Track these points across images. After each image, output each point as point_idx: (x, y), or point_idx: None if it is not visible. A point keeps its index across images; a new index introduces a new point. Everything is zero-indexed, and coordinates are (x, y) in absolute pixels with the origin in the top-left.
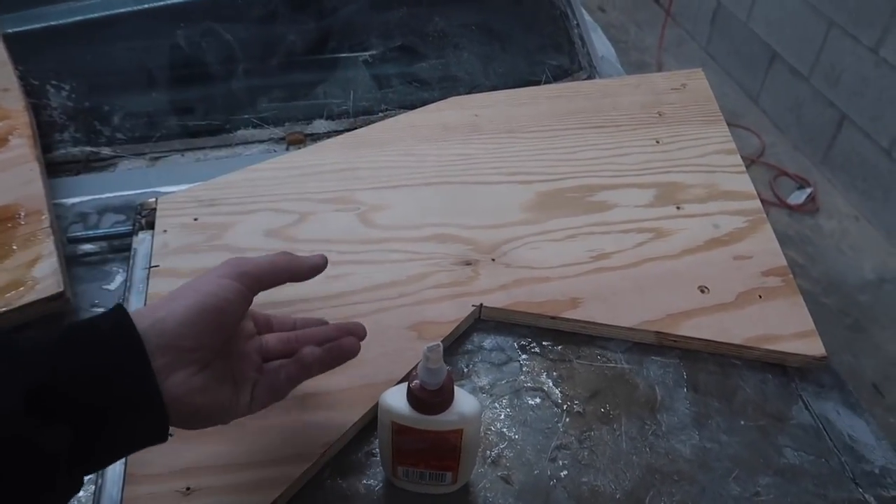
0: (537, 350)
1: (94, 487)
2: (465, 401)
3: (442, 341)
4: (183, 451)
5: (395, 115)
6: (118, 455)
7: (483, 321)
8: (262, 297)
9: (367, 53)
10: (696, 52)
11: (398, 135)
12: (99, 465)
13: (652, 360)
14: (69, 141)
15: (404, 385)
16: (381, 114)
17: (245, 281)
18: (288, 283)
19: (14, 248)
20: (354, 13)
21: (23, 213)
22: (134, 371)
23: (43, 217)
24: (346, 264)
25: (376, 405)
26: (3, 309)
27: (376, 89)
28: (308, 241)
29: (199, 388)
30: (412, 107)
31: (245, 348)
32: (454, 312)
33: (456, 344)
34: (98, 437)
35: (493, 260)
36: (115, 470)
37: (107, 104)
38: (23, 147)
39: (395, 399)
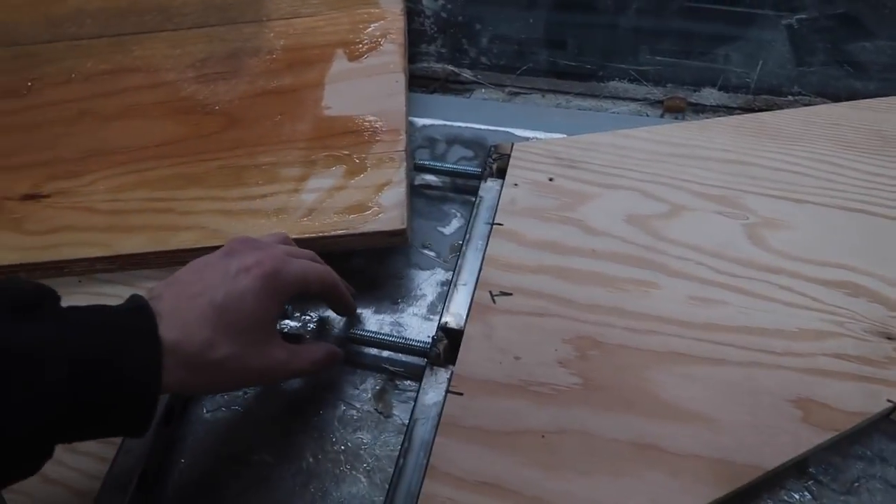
0: None
1: (393, 469)
2: None
3: (835, 435)
4: (492, 459)
5: (811, 103)
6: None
7: (893, 423)
8: (587, 300)
9: (794, 16)
10: None
11: (814, 132)
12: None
13: None
14: (433, 55)
15: None
16: (790, 97)
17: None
18: (651, 295)
19: (367, 165)
20: None
21: (381, 128)
22: (137, 423)
23: (400, 138)
24: (720, 288)
25: (731, 493)
26: (344, 232)
27: (793, 64)
28: (675, 244)
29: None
30: (836, 98)
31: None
32: (858, 402)
33: (847, 442)
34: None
35: None
36: (418, 457)
37: (479, 22)
38: (394, 54)
39: None
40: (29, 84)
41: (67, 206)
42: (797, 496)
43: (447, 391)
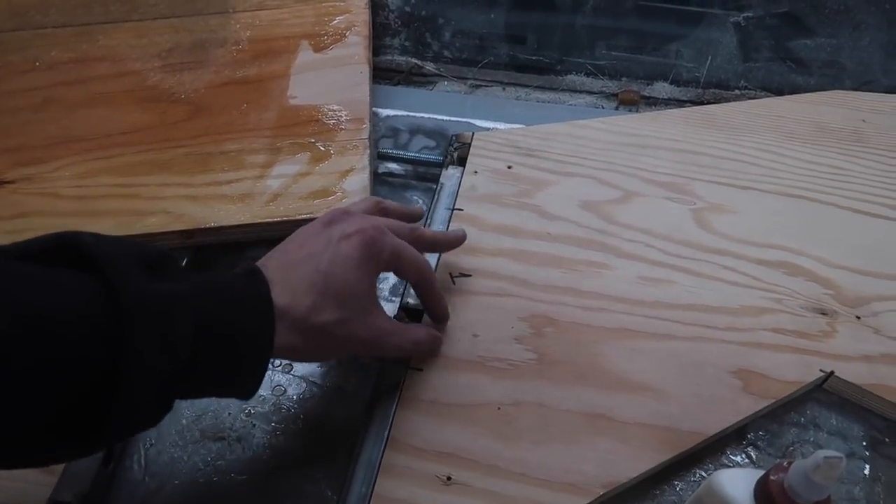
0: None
1: (356, 440)
2: None
3: (772, 403)
4: (450, 431)
5: (756, 96)
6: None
7: (825, 391)
8: (542, 280)
9: (741, 14)
10: None
11: (758, 123)
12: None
13: None
14: (397, 48)
15: (753, 473)
16: (737, 91)
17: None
18: (603, 275)
19: (332, 152)
20: None
21: (344, 117)
22: (249, 386)
23: (363, 126)
24: (668, 268)
25: (676, 457)
26: (308, 216)
27: (740, 60)
28: (627, 227)
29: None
30: (779, 91)
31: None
32: (794, 372)
33: (782, 409)
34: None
35: (858, 318)
36: (379, 429)
37: (442, 17)
38: (358, 46)
39: (736, 487)
40: None
41: (33, 192)
42: (737, 459)
43: (408, 367)
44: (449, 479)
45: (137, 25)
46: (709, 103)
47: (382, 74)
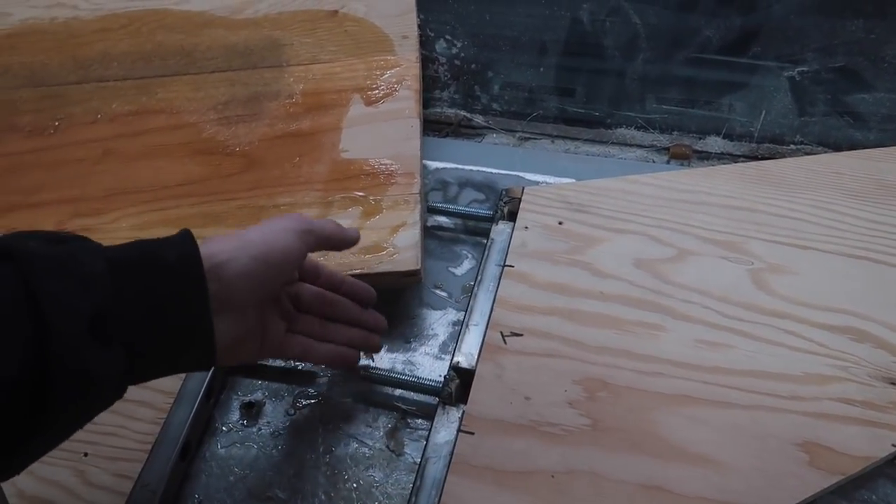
0: None
1: None
2: None
3: (841, 479)
4: (502, 498)
5: (813, 152)
6: (163, 374)
7: None
8: (596, 341)
9: (795, 68)
10: None
11: (816, 180)
12: (143, 380)
13: None
14: (446, 101)
15: None
16: (792, 146)
17: (307, 240)
18: (658, 338)
19: (383, 207)
20: (793, 15)
21: (396, 171)
22: (193, 312)
23: (415, 181)
24: (726, 331)
25: None
26: (359, 271)
27: (795, 115)
28: (682, 287)
29: (234, 337)
30: (837, 147)
31: (279, 292)
32: (864, 446)
33: (852, 486)
34: (147, 360)
35: None
36: (430, 496)
37: (491, 70)
38: (409, 100)
39: None
40: (56, 123)
41: None
42: None
43: (459, 430)
44: None
45: (195, 79)
46: (763, 158)
47: (431, 126)
